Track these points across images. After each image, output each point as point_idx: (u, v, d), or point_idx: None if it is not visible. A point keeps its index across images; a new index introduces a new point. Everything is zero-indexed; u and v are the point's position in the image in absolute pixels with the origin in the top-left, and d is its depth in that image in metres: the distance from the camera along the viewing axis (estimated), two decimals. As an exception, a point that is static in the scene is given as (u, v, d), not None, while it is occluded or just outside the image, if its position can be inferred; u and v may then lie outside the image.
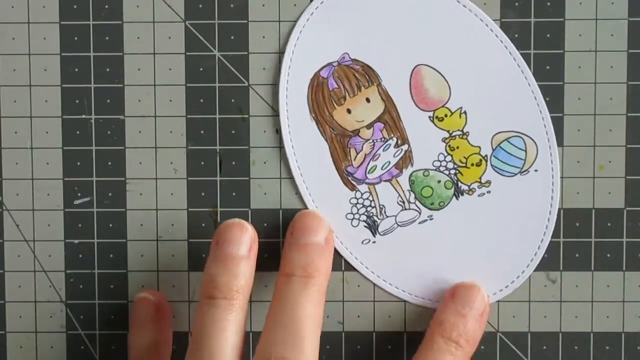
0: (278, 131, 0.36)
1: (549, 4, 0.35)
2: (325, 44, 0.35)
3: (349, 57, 0.35)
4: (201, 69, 0.36)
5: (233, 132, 0.36)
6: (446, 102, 0.35)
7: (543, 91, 0.35)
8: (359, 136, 0.35)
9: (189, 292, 0.36)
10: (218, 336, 0.31)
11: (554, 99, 0.35)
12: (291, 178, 0.36)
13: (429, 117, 0.35)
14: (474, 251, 0.35)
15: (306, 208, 0.36)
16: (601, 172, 0.35)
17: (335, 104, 0.35)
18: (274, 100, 0.35)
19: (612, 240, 0.36)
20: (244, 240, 0.34)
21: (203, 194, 0.36)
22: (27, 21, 0.36)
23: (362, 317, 0.36)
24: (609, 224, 0.36)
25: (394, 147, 0.35)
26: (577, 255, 0.36)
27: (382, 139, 0.35)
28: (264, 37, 0.36)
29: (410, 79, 0.35)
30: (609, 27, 0.35)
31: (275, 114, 0.36)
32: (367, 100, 0.35)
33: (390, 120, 0.35)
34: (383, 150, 0.35)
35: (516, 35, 0.35)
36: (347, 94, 0.35)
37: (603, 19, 0.35)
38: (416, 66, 0.35)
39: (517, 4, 0.35)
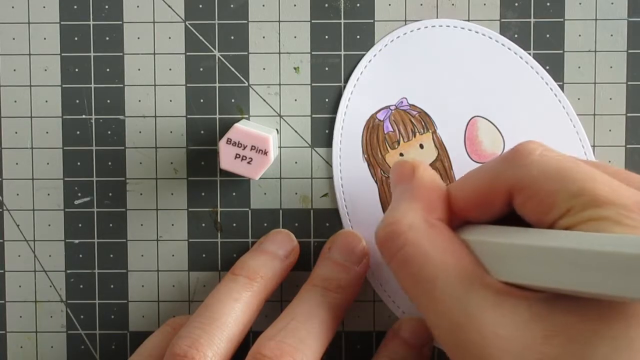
0: (278, 131, 0.36)
1: (548, 4, 0.35)
2: (384, 87, 0.35)
3: (407, 102, 0.35)
4: (201, 69, 0.36)
5: (233, 132, 0.36)
6: None
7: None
8: None
9: (189, 292, 0.36)
10: (227, 304, 0.32)
11: (554, 99, 0.35)
12: (290, 178, 0.36)
13: None
14: None
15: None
16: (601, 172, 0.35)
17: (388, 147, 0.35)
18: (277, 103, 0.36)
19: (611, 240, 0.36)
20: (285, 245, 0.35)
21: (203, 194, 0.36)
22: (27, 21, 0.36)
23: (362, 317, 0.36)
24: (608, 224, 0.36)
25: None
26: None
27: None
28: (264, 37, 0.36)
29: (466, 130, 0.35)
30: (608, 27, 0.35)
31: (276, 114, 0.36)
32: (421, 146, 0.35)
33: (441, 168, 0.35)
34: None
35: (516, 36, 0.35)
36: (401, 138, 0.35)
37: (603, 19, 0.35)
38: (472, 117, 0.35)
39: (517, 4, 0.35)
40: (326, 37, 0.36)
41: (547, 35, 0.35)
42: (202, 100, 0.36)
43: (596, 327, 0.23)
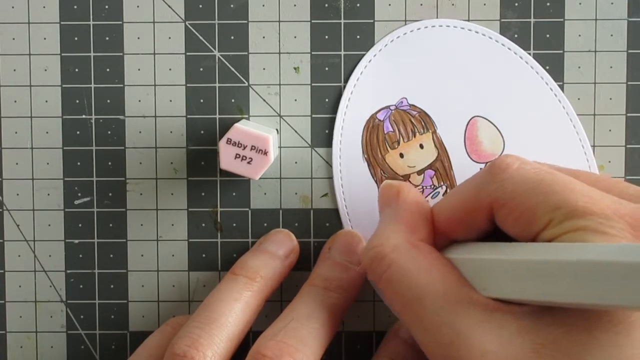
0: (278, 131, 0.36)
1: (548, 4, 0.35)
2: (384, 87, 0.35)
3: (407, 103, 0.35)
4: (201, 69, 0.36)
5: (233, 132, 0.36)
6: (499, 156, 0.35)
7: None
8: (409, 181, 0.35)
9: (189, 292, 0.36)
10: (227, 304, 0.32)
11: (554, 99, 0.35)
12: (290, 178, 0.36)
13: (480, 168, 0.35)
14: None
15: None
16: (601, 172, 0.35)
17: (388, 147, 0.35)
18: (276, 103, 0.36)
19: (611, 240, 0.36)
20: (285, 245, 0.35)
21: (203, 194, 0.36)
22: (27, 21, 0.36)
23: (362, 317, 0.36)
24: (608, 224, 0.36)
25: (443, 195, 0.35)
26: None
27: (432, 186, 0.35)
28: (264, 37, 0.36)
29: (466, 130, 0.35)
30: (608, 27, 0.35)
31: (276, 114, 0.36)
32: (421, 146, 0.35)
33: (441, 168, 0.35)
34: (432, 198, 0.35)
35: (516, 36, 0.35)
36: (401, 138, 0.35)
37: (603, 19, 0.35)
38: (472, 117, 0.35)
39: (517, 4, 0.35)
40: (326, 37, 0.36)
41: (547, 35, 0.35)
42: (202, 100, 0.36)
43: (583, 337, 0.23)
